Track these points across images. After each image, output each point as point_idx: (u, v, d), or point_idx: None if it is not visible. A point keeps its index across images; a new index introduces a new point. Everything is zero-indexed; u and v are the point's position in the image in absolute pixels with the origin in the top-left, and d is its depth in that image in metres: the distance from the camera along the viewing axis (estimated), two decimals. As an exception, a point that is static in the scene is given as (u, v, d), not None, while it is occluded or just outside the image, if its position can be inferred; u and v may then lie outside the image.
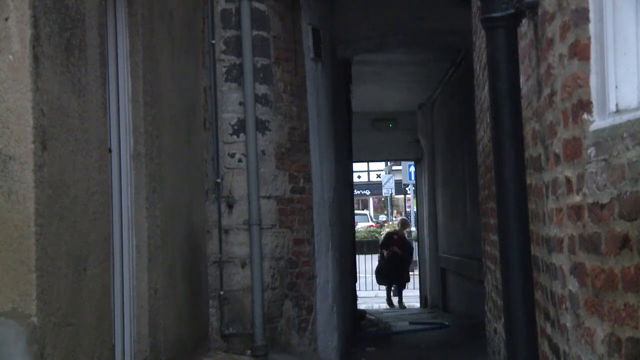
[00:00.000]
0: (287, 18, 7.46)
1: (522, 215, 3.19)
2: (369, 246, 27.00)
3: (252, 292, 6.95)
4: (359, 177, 33.68)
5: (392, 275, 18.72)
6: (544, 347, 3.44)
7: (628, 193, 2.24)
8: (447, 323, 13.52)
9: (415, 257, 21.09)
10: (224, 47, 7.10)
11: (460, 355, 9.62)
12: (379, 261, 19.35)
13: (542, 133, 3.29)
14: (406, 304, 18.67)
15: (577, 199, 2.70)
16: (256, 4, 7.14)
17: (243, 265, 7.04)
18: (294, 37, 7.56)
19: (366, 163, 34.70)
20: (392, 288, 19.00)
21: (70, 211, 4.03)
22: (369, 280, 20.41)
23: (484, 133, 5.83)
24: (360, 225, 30.55)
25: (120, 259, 5.22)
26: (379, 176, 37.74)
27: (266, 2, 7.21)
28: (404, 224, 21.09)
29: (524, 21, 3.39)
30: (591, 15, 2.59)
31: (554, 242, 3.09)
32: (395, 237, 19.20)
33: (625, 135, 2.28)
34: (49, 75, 3.84)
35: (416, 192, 22.61)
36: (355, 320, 12.23)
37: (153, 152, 5.49)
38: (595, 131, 2.53)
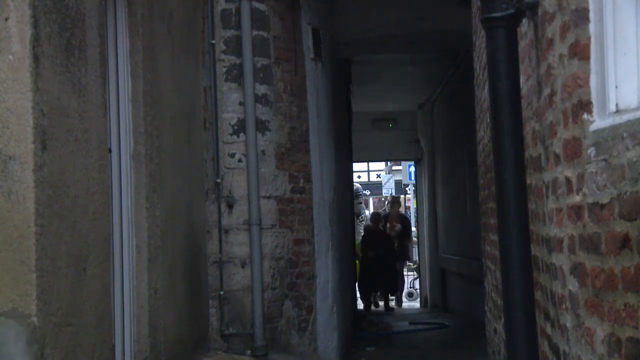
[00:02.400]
0: (287, 18, 7.46)
1: (522, 215, 3.19)
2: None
3: (252, 292, 6.95)
4: (359, 177, 33.64)
5: (377, 278, 16.31)
6: (544, 347, 3.44)
7: (628, 193, 2.24)
8: (447, 323, 13.52)
9: (415, 257, 21.05)
10: (224, 47, 7.10)
11: (460, 355, 9.62)
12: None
13: (542, 133, 3.29)
14: (405, 304, 18.41)
15: (577, 199, 2.70)
16: (256, 4, 7.14)
17: (243, 265, 7.04)
18: (294, 37, 7.55)
19: (366, 163, 34.63)
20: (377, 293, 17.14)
21: (70, 211, 4.03)
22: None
23: (484, 133, 5.83)
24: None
25: (120, 259, 5.22)
26: (379, 176, 37.67)
27: (266, 2, 7.21)
28: (392, 215, 17.71)
29: (524, 21, 3.39)
30: (591, 15, 2.59)
31: (554, 242, 3.09)
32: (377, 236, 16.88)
33: (625, 135, 2.28)
34: (49, 75, 3.84)
35: (416, 192, 22.60)
36: (355, 320, 12.22)
37: (153, 152, 5.49)
38: (595, 131, 2.53)
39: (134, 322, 5.26)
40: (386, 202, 21.44)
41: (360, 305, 16.11)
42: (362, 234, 17.91)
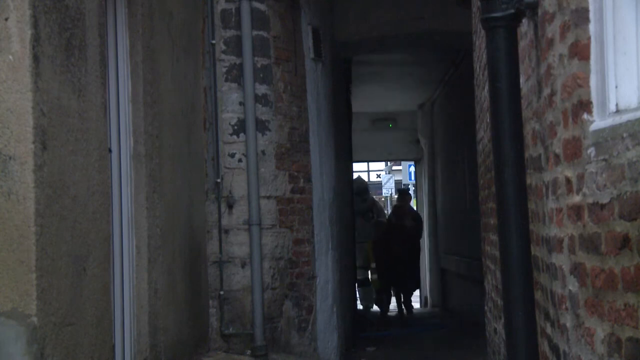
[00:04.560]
0: (287, 18, 7.46)
1: (522, 215, 3.19)
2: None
3: (252, 292, 6.95)
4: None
5: (399, 279, 14.81)
6: (544, 347, 3.44)
7: (628, 193, 2.24)
8: (446, 323, 13.52)
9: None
10: (224, 47, 7.10)
11: (460, 355, 9.62)
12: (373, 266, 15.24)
13: (542, 133, 3.29)
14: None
15: (577, 199, 2.70)
16: (256, 4, 7.14)
17: (243, 265, 7.04)
18: (294, 37, 7.55)
19: (366, 163, 34.68)
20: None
21: (70, 211, 4.03)
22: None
23: (484, 133, 5.83)
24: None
25: (120, 259, 5.22)
26: (379, 176, 37.71)
27: (266, 2, 7.21)
28: (402, 209, 15.46)
29: (524, 21, 3.39)
30: (591, 15, 2.59)
31: (554, 242, 3.09)
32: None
33: (625, 135, 2.28)
34: (49, 75, 3.84)
35: (416, 192, 22.60)
36: (355, 320, 12.21)
37: (153, 152, 5.49)
38: (595, 131, 2.53)
39: (134, 322, 5.26)
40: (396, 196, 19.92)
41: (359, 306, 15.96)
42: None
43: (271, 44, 7.25)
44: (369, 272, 15.44)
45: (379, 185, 36.42)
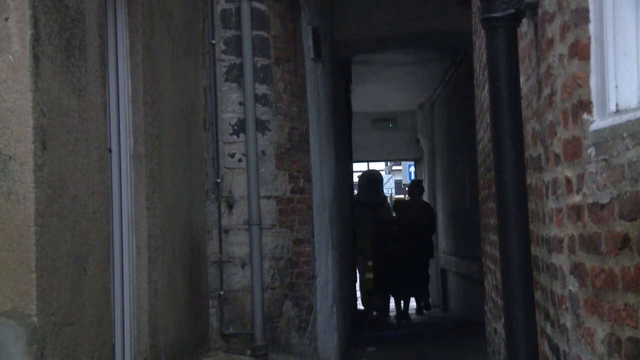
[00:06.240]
0: (287, 18, 7.46)
1: (522, 215, 3.19)
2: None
3: (252, 292, 6.95)
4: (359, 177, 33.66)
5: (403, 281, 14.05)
6: (544, 347, 3.44)
7: (628, 193, 2.24)
8: (446, 323, 13.51)
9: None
10: (224, 47, 7.10)
11: (460, 355, 9.62)
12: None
13: (542, 133, 3.29)
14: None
15: (577, 199, 2.70)
16: (256, 4, 7.14)
17: (243, 265, 7.04)
18: (294, 37, 7.56)
19: (366, 163, 34.70)
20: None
21: (70, 211, 4.03)
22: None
23: (484, 133, 5.84)
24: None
25: (120, 259, 5.22)
26: (379, 176, 37.74)
27: (266, 2, 7.21)
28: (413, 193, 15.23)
29: (524, 21, 3.39)
30: (591, 15, 2.59)
31: (554, 242, 3.09)
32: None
33: (625, 135, 2.28)
34: (49, 75, 3.84)
35: (416, 192, 22.55)
36: (355, 320, 12.20)
37: (153, 152, 5.49)
38: (595, 131, 2.53)
39: (134, 322, 5.26)
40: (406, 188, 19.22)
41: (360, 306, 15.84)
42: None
43: (271, 44, 7.25)
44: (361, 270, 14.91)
45: (378, 185, 36.33)
